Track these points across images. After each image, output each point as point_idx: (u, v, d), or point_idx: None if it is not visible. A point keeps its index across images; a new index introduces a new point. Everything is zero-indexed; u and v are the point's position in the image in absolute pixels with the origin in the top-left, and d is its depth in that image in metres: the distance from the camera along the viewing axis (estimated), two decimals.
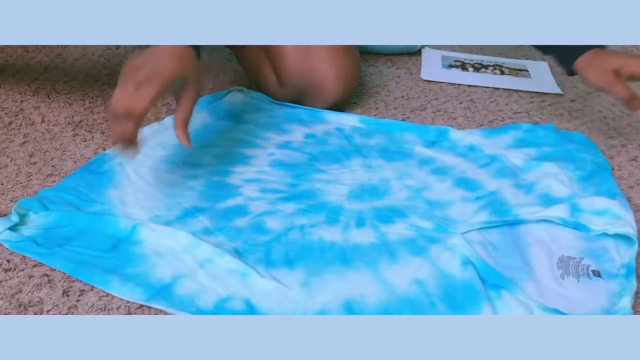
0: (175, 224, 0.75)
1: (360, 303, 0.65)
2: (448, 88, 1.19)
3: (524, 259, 0.73)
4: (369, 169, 0.89)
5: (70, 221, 0.74)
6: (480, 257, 0.71)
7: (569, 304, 0.67)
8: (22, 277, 0.67)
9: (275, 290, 0.66)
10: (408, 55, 1.34)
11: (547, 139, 0.97)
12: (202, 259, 0.69)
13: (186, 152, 0.90)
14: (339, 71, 1.01)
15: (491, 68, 1.28)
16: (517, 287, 0.67)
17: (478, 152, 0.94)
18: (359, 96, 1.14)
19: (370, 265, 0.70)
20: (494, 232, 0.77)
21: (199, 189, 0.82)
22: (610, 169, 0.91)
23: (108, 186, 0.81)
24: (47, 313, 0.63)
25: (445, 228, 0.76)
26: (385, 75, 1.24)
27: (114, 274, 0.67)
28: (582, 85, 1.21)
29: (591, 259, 0.73)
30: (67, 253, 0.70)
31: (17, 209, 0.74)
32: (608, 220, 0.76)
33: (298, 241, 0.74)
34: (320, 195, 0.83)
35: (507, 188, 0.85)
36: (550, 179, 0.85)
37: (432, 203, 0.82)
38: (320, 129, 1.00)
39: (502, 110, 1.11)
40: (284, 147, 0.94)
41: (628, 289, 0.68)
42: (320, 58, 1.00)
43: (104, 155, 0.88)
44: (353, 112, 1.07)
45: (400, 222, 0.77)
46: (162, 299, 0.64)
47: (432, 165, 0.91)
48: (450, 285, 0.68)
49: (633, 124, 1.07)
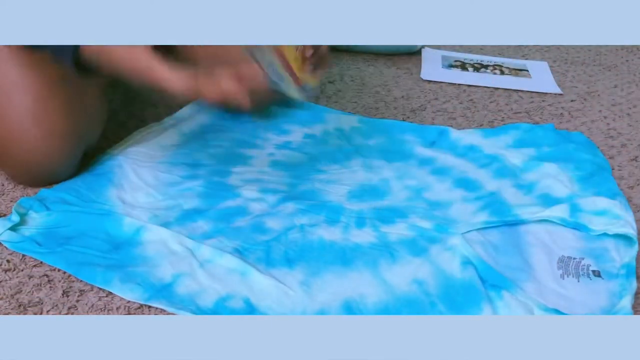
0: (174, 224, 0.75)
1: (360, 303, 0.65)
2: (448, 88, 1.19)
3: (524, 259, 0.73)
4: (369, 169, 0.89)
5: (71, 221, 0.74)
6: (480, 257, 0.71)
7: (569, 304, 0.67)
8: (22, 277, 0.67)
9: (275, 289, 0.66)
10: (408, 55, 1.34)
11: (546, 139, 0.97)
12: (202, 259, 0.70)
13: (186, 152, 0.90)
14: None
15: (491, 68, 1.28)
16: (517, 287, 0.67)
17: (478, 152, 0.94)
18: (359, 96, 1.14)
19: (370, 265, 0.70)
20: (494, 232, 0.77)
21: (199, 190, 0.82)
22: (610, 169, 0.91)
23: (108, 187, 0.81)
24: (47, 313, 0.63)
25: (446, 228, 0.76)
26: (385, 75, 1.24)
27: (114, 274, 0.67)
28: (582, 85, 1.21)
29: (591, 259, 0.73)
30: (68, 253, 0.70)
31: (18, 208, 0.74)
32: (608, 220, 0.76)
33: (298, 241, 0.74)
34: (320, 195, 0.82)
35: (507, 188, 0.85)
36: (550, 179, 0.85)
37: (432, 203, 0.82)
38: (320, 129, 1.00)
39: (502, 110, 1.11)
40: (284, 147, 0.94)
41: (628, 289, 0.68)
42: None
43: (104, 155, 0.88)
44: (353, 112, 1.07)
45: (400, 222, 0.77)
46: (162, 298, 0.64)
47: (432, 165, 0.91)
48: (450, 285, 0.68)
49: (633, 124, 1.07)
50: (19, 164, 0.78)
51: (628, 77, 1.27)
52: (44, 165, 0.78)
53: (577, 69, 1.29)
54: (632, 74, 1.28)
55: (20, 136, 0.76)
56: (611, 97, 1.17)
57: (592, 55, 1.38)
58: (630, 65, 1.33)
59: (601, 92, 1.18)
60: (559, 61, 1.33)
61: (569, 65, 1.31)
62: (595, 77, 1.26)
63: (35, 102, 0.75)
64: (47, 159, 0.78)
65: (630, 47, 1.43)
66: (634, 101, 1.16)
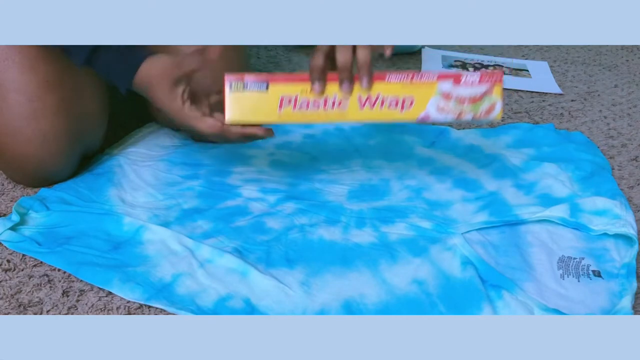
0: (174, 224, 0.75)
1: (360, 303, 0.65)
2: None
3: (524, 259, 0.73)
4: (369, 169, 0.89)
5: (71, 221, 0.74)
6: (480, 257, 0.71)
7: (569, 304, 0.67)
8: (22, 277, 0.67)
9: (275, 289, 0.66)
10: (408, 55, 1.34)
11: (547, 139, 0.97)
12: (202, 259, 0.70)
13: (186, 152, 0.90)
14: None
15: (491, 68, 1.28)
16: (517, 287, 0.67)
17: (478, 152, 0.94)
18: None
19: (370, 265, 0.70)
20: (494, 232, 0.77)
21: (199, 189, 0.82)
22: (610, 169, 0.91)
23: (108, 186, 0.81)
24: (47, 313, 0.63)
25: (446, 228, 0.76)
26: None
27: (114, 273, 0.67)
28: (582, 85, 1.21)
29: (591, 259, 0.73)
30: (68, 253, 0.70)
31: (18, 208, 0.74)
32: (608, 220, 0.76)
33: (298, 241, 0.74)
34: (320, 195, 0.82)
35: (507, 188, 0.85)
36: (550, 179, 0.85)
37: (432, 203, 0.82)
38: (320, 129, 1.00)
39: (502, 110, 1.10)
40: (284, 147, 0.94)
41: (628, 289, 0.68)
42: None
43: (104, 155, 0.88)
44: None
45: (400, 222, 0.77)
46: (162, 298, 0.65)
47: (432, 165, 0.91)
48: (450, 285, 0.68)
49: (633, 124, 1.07)
50: (14, 164, 0.78)
51: (628, 77, 1.27)
52: (40, 165, 0.78)
53: (577, 69, 1.29)
54: (632, 74, 1.28)
55: (14, 135, 0.76)
56: (611, 97, 1.17)
57: (592, 55, 1.38)
58: (630, 65, 1.33)
59: (601, 92, 1.18)
60: (559, 61, 1.33)
61: (569, 65, 1.31)
62: (596, 77, 1.26)
63: (30, 101, 0.75)
64: (42, 159, 0.78)
65: (630, 47, 1.43)
66: (634, 101, 1.16)
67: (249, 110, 0.70)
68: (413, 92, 0.68)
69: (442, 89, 0.68)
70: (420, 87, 0.68)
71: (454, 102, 0.67)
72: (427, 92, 0.68)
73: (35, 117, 0.76)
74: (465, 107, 0.67)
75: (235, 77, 0.69)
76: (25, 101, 0.75)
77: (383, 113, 0.69)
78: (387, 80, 0.68)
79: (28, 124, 0.76)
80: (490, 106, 0.67)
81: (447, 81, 0.68)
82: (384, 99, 0.68)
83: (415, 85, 0.68)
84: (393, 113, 0.68)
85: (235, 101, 0.69)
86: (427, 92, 0.68)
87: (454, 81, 0.67)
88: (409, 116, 0.69)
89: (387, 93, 0.68)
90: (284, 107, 0.69)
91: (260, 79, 0.69)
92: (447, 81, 0.68)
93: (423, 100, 0.68)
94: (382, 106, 0.68)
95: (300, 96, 0.69)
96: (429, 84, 0.68)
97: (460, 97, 0.68)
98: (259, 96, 0.69)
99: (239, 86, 0.69)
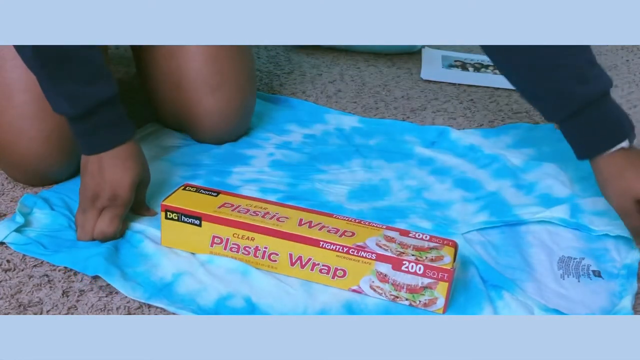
0: None
1: (361, 303, 0.65)
2: (448, 88, 1.19)
3: (525, 259, 0.73)
4: (369, 169, 0.89)
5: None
6: (480, 258, 0.71)
7: (569, 304, 0.67)
8: (22, 277, 0.67)
9: (276, 288, 0.66)
10: (408, 55, 1.34)
11: (546, 139, 0.97)
12: (203, 258, 0.69)
13: (186, 153, 0.90)
14: (212, 107, 0.89)
15: (491, 68, 1.28)
16: (517, 288, 0.67)
17: (478, 152, 0.94)
18: (359, 96, 1.14)
19: None
20: (495, 233, 0.77)
21: None
22: None
23: None
24: (47, 313, 0.63)
25: (446, 228, 0.76)
26: (385, 75, 1.24)
27: (117, 271, 0.66)
28: None
29: (592, 259, 0.73)
30: (73, 252, 0.69)
31: (21, 207, 0.74)
32: (609, 221, 0.76)
33: None
34: (320, 195, 0.82)
35: (507, 188, 0.85)
36: (550, 179, 0.85)
37: (432, 203, 0.82)
38: (320, 129, 1.00)
39: (502, 110, 1.11)
40: (284, 147, 0.94)
41: (628, 289, 0.68)
42: (191, 92, 0.88)
43: None
44: (353, 112, 1.07)
45: (400, 222, 0.77)
46: (163, 297, 0.64)
47: (432, 165, 0.91)
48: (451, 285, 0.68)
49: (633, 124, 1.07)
50: (17, 162, 0.78)
51: (628, 77, 1.27)
52: (42, 164, 0.78)
53: None
54: (632, 74, 1.28)
55: (19, 134, 0.76)
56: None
57: None
58: (630, 65, 1.33)
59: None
60: None
61: None
62: None
63: (35, 101, 0.75)
64: (45, 158, 0.78)
65: (630, 47, 1.43)
66: (634, 101, 1.16)
67: (182, 240, 0.69)
68: (347, 265, 0.65)
69: (379, 269, 0.64)
70: (355, 262, 0.64)
71: (390, 285, 0.64)
72: (362, 269, 0.64)
73: (41, 117, 0.76)
74: (402, 293, 0.64)
75: (172, 207, 0.68)
76: (31, 101, 0.76)
77: (313, 275, 0.66)
78: (321, 247, 0.65)
79: (33, 123, 0.76)
80: (430, 300, 0.63)
81: (386, 264, 0.63)
82: (314, 263, 0.66)
83: (351, 258, 0.64)
84: (324, 278, 0.66)
85: (169, 228, 0.69)
86: (361, 269, 0.64)
87: (392, 267, 0.63)
88: (341, 285, 0.66)
89: (319, 260, 0.66)
90: (215, 245, 0.68)
91: (195, 213, 0.68)
92: (386, 264, 0.63)
93: (356, 275, 0.65)
94: (313, 269, 0.66)
95: (231, 240, 0.67)
96: (365, 261, 0.64)
97: (398, 282, 0.64)
98: (192, 229, 0.68)
99: (174, 216, 0.68)
